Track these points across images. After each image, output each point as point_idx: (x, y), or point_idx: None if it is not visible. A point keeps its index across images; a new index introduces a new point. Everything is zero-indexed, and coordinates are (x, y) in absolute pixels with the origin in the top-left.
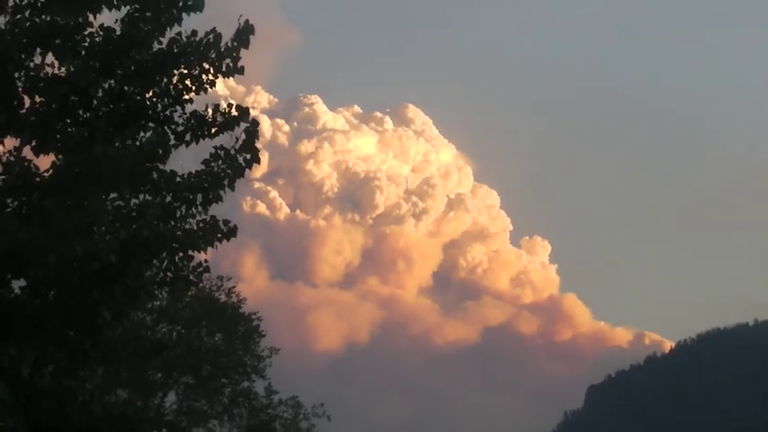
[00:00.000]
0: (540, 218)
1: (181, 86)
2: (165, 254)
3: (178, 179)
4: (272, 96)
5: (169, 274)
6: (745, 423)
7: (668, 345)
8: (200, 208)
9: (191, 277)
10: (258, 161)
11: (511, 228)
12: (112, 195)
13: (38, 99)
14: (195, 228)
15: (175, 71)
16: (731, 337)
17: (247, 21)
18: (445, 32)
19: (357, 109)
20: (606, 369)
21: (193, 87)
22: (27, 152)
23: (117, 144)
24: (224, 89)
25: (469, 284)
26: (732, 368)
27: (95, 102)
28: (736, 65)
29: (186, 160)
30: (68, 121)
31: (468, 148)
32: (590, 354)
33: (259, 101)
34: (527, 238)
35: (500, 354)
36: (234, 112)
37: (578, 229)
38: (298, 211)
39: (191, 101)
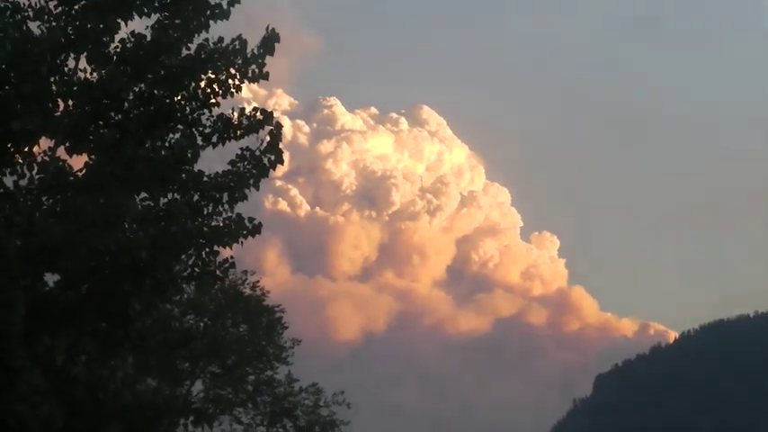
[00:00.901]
0: (550, 214)
1: (208, 91)
2: (192, 249)
3: (205, 179)
4: (292, 99)
5: (196, 269)
6: (746, 411)
7: (672, 335)
8: (226, 206)
9: (217, 272)
10: (282, 162)
11: (521, 223)
12: (143, 195)
13: (71, 102)
14: (221, 225)
15: (203, 76)
16: (733, 328)
17: (273, 29)
18: (458, 37)
19: (374, 110)
20: (613, 358)
21: (220, 92)
22: (61, 152)
23: (147, 145)
24: (247, 92)
25: (481, 278)
26: (734, 358)
27: (126, 105)
28: (737, 64)
29: (213, 161)
30: (101, 123)
31: (480, 148)
32: (597, 344)
33: (280, 103)
34: (536, 233)
35: (511, 344)
36: (258, 116)
37: (586, 225)
38: (317, 209)
39: (217, 104)
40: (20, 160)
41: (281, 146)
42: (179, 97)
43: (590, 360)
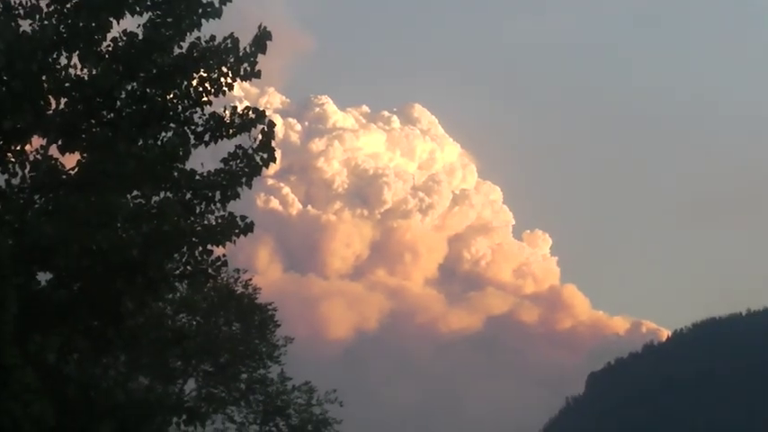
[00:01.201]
0: (542, 212)
1: (200, 89)
2: (185, 248)
3: (198, 177)
4: (284, 97)
5: (189, 267)
6: (740, 410)
7: (665, 333)
8: (218, 204)
9: (209, 271)
10: (275, 160)
11: (513, 222)
12: (135, 193)
13: (63, 100)
14: (214, 223)
15: (195, 74)
16: (725, 326)
17: (265, 28)
18: (450, 35)
19: (365, 109)
20: (605, 356)
21: (212, 90)
22: (53, 151)
23: (139, 143)
24: (239, 90)
25: (473, 276)
26: (727, 356)
27: (119, 103)
28: (737, 64)
29: (205, 159)
30: (93, 121)
31: (472, 147)
32: (589, 342)
33: (272, 102)
34: (528, 231)
35: (503, 342)
36: (251, 115)
37: (578, 223)
38: (309, 207)
39: (209, 103)
40: (11, 158)
41: (273, 144)
42: (171, 96)
43: (582, 358)
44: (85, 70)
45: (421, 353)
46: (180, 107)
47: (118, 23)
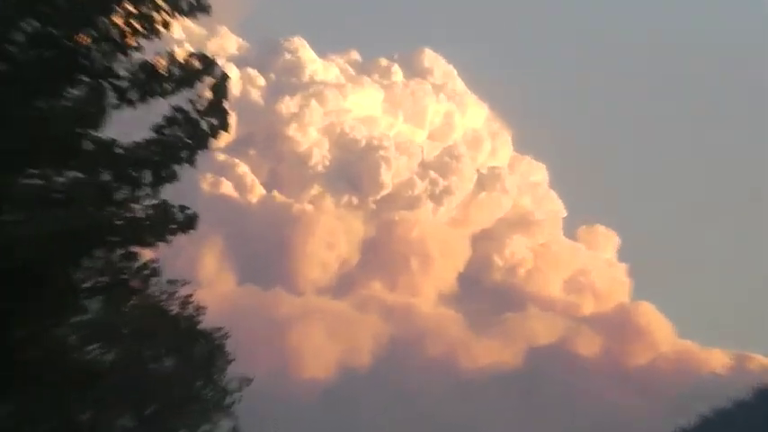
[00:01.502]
0: (604, 200)
1: (126, 29)
2: (100, 250)
3: (119, 150)
4: (242, 40)
5: (104, 277)
6: None
7: None
8: (147, 189)
9: (133, 282)
10: (226, 128)
11: (564, 213)
12: (32, 171)
13: None
14: (142, 216)
15: (118, 8)
16: None
17: None
18: None
19: (355, 55)
20: (697, 404)
21: (142, 30)
22: None
23: (40, 103)
24: (180, 31)
25: (508, 290)
26: None
27: (14, 49)
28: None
29: (131, 126)
30: None
31: (504, 108)
32: (674, 383)
33: (225, 46)
34: (586, 227)
35: (550, 383)
36: (196, 64)
37: (656, 216)
38: (275, 192)
39: (138, 48)
40: None
41: (226, 105)
42: (85, 38)
43: (664, 406)
44: None
45: (432, 397)
46: (96, 54)
47: None
